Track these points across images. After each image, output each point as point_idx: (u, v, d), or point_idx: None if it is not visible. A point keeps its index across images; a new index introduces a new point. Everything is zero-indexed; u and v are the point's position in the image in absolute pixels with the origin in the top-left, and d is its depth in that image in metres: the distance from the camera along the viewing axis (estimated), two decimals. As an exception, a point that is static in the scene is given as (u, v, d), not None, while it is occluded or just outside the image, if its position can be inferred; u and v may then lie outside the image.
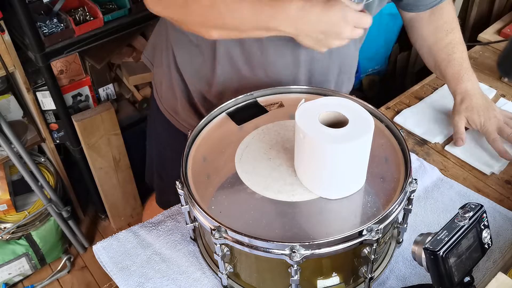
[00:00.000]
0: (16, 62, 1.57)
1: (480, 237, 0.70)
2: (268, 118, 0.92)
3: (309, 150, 0.74)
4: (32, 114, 1.79)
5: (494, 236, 0.89)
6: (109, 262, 0.92)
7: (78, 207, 2.16)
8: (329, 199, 0.77)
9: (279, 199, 0.77)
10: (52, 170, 1.94)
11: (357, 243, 0.70)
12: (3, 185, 1.78)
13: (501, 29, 1.49)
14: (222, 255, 0.75)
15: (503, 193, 1.01)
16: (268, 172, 0.81)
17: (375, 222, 0.70)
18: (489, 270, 0.86)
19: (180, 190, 0.79)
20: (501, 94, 1.25)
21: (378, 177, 0.80)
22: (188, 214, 0.86)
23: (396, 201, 0.74)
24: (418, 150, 1.12)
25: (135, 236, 0.96)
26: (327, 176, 0.75)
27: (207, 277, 0.88)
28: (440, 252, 0.64)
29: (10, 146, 1.66)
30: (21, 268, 1.94)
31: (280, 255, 0.68)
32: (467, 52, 1.13)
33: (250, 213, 0.75)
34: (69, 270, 2.05)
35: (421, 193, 1.01)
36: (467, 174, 1.06)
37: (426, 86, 1.30)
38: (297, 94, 0.98)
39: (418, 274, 0.86)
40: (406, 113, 1.21)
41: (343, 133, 0.72)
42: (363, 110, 0.76)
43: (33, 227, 1.89)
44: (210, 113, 0.92)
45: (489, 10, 1.81)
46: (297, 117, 0.74)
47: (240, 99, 0.95)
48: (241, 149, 0.86)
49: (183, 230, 0.96)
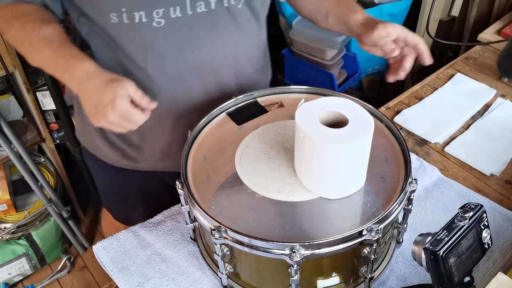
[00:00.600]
0: (16, 62, 1.57)
1: (480, 237, 0.70)
2: (268, 118, 0.92)
3: (309, 150, 0.74)
4: (32, 114, 1.79)
5: (494, 236, 0.89)
6: (109, 262, 0.92)
7: (78, 207, 2.16)
8: (329, 199, 0.77)
9: (279, 199, 0.77)
10: (52, 170, 1.94)
11: (357, 243, 0.70)
12: (3, 185, 1.78)
13: (501, 29, 1.49)
14: (222, 255, 0.75)
15: (503, 193, 1.01)
16: (268, 172, 0.81)
17: (375, 222, 0.70)
18: (489, 270, 0.86)
19: (180, 190, 0.79)
20: (501, 94, 1.25)
21: (378, 177, 0.80)
22: (188, 214, 0.86)
23: (396, 201, 0.74)
24: (418, 150, 1.12)
25: (135, 236, 0.96)
26: (327, 176, 0.75)
27: (207, 277, 0.88)
28: (440, 252, 0.64)
29: (10, 146, 1.66)
30: (21, 268, 1.94)
31: (280, 255, 0.68)
32: (467, 52, 1.12)
33: (250, 213, 0.75)
34: (69, 270, 2.05)
35: (421, 193, 1.01)
36: (467, 174, 1.06)
37: (426, 86, 1.30)
38: (297, 94, 0.98)
39: (418, 274, 0.86)
40: (406, 113, 1.21)
41: (343, 133, 0.72)
42: (363, 110, 0.76)
43: (33, 227, 1.89)
44: (210, 113, 0.92)
45: (489, 10, 1.81)
46: (297, 117, 0.74)
47: (240, 99, 0.95)
48: (241, 149, 0.86)
49: (183, 230, 0.96)
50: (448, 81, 1.30)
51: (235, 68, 0.99)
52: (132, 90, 0.81)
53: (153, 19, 0.84)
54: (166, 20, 0.85)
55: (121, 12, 0.83)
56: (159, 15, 0.84)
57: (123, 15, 0.83)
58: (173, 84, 0.95)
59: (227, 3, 0.90)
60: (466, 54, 1.40)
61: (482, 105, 1.22)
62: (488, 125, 1.16)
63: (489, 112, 1.19)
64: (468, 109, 1.20)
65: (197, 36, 0.90)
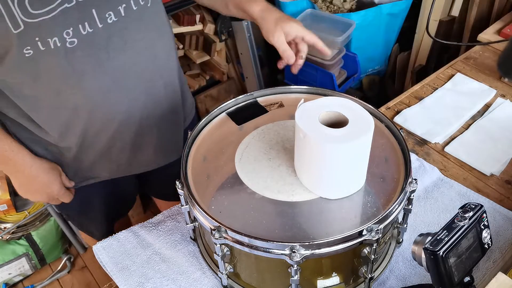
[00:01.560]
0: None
1: (480, 237, 0.69)
2: (268, 118, 0.92)
3: (309, 150, 0.74)
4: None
5: (494, 236, 0.90)
6: (109, 262, 0.92)
7: (78, 207, 2.16)
8: (329, 199, 0.77)
9: (279, 199, 0.77)
10: (52, 170, 1.94)
11: (357, 243, 0.70)
12: (3, 185, 1.78)
13: (501, 29, 1.49)
14: (222, 255, 0.75)
15: (503, 193, 1.01)
16: (268, 172, 0.81)
17: (375, 222, 0.70)
18: (489, 270, 0.86)
19: (180, 190, 0.79)
20: (501, 94, 1.25)
21: (378, 177, 0.80)
22: (188, 214, 0.86)
23: (396, 201, 0.74)
24: (418, 150, 1.12)
25: (135, 236, 0.96)
26: (327, 176, 0.75)
27: (207, 277, 0.88)
28: (440, 252, 0.64)
29: (10, 146, 1.66)
30: (21, 268, 1.94)
31: (280, 255, 0.68)
32: (467, 52, 1.12)
33: (250, 213, 0.75)
34: (69, 270, 2.05)
35: (421, 193, 1.01)
36: (467, 174, 1.06)
37: (426, 86, 1.30)
38: (297, 94, 0.98)
39: (418, 274, 0.86)
40: (406, 113, 1.21)
41: (343, 133, 0.71)
42: (363, 110, 0.76)
43: (33, 227, 1.89)
44: (210, 113, 0.92)
45: (489, 10, 1.81)
46: (297, 117, 0.74)
47: (240, 99, 0.95)
48: (241, 149, 0.86)
49: (183, 230, 0.96)
50: (448, 81, 1.30)
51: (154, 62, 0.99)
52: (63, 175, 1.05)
53: (65, 40, 0.83)
54: (78, 38, 0.85)
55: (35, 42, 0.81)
56: (69, 35, 0.83)
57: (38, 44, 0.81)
58: (103, 96, 0.94)
59: (135, 6, 0.89)
60: (466, 54, 1.40)
61: (482, 105, 1.22)
62: (488, 125, 1.16)
63: (489, 112, 1.19)
64: (468, 109, 1.20)
65: (113, 45, 0.89)
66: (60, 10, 0.81)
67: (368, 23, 1.90)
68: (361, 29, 1.87)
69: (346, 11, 1.97)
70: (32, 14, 0.79)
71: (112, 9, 0.86)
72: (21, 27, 0.79)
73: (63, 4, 0.81)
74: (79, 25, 0.84)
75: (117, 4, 0.87)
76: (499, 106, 1.20)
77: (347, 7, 1.98)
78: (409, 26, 2.04)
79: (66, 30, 0.83)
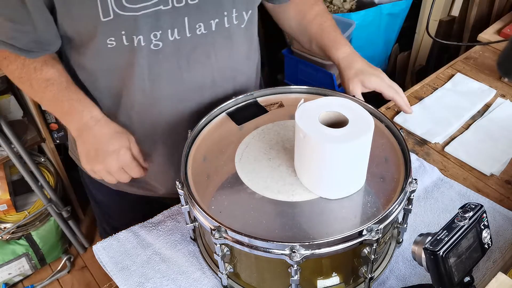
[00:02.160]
0: (16, 62, 1.56)
1: (480, 237, 0.69)
2: (268, 118, 0.92)
3: (309, 150, 0.74)
4: (32, 114, 1.79)
5: (494, 236, 0.89)
6: (109, 262, 0.92)
7: (78, 207, 2.16)
8: (329, 199, 0.77)
9: (279, 199, 0.77)
10: (52, 170, 1.94)
11: (357, 243, 0.70)
12: (3, 185, 1.78)
13: (501, 29, 1.49)
14: (222, 255, 0.75)
15: (503, 193, 1.01)
16: (268, 172, 0.81)
17: (375, 222, 0.70)
18: (489, 270, 0.86)
19: (180, 190, 0.79)
20: (501, 94, 1.25)
21: (378, 177, 0.80)
22: (188, 214, 0.86)
23: (396, 201, 0.74)
24: (418, 150, 1.12)
25: (135, 236, 0.96)
26: (327, 176, 0.75)
27: (207, 277, 0.88)
28: (440, 252, 0.64)
29: (10, 146, 1.66)
30: (21, 268, 1.94)
31: (280, 255, 0.68)
32: (467, 52, 1.12)
33: (250, 213, 0.75)
34: (69, 270, 2.05)
35: (421, 193, 1.01)
36: (467, 174, 1.06)
37: (426, 86, 1.30)
38: (297, 94, 0.98)
39: (418, 274, 0.86)
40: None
41: (343, 133, 0.71)
42: (363, 110, 0.76)
43: (33, 227, 1.89)
44: (210, 113, 0.92)
45: (489, 10, 1.81)
46: (297, 117, 0.74)
47: (240, 99, 0.95)
48: (241, 149, 0.86)
49: (183, 230, 0.96)
50: (448, 81, 1.30)
51: (233, 83, 0.99)
52: (134, 144, 0.88)
53: (151, 41, 0.83)
54: (164, 43, 0.85)
55: (121, 35, 0.82)
56: (156, 37, 0.83)
57: (122, 37, 0.82)
58: (170, 103, 0.94)
59: (228, 24, 0.89)
60: (466, 54, 1.40)
61: (482, 105, 1.22)
62: (488, 125, 1.16)
63: (489, 112, 1.19)
64: (468, 109, 1.20)
65: (195, 56, 0.89)
66: (154, 10, 0.80)
67: (368, 23, 1.90)
68: (361, 29, 1.87)
69: (346, 11, 1.97)
70: (126, 7, 0.78)
71: (204, 21, 0.86)
72: (110, 16, 0.78)
73: (159, 5, 0.80)
74: (168, 30, 0.83)
75: (209, 18, 0.86)
76: (499, 106, 1.20)
77: (347, 7, 1.98)
78: (409, 26, 2.04)
79: (154, 32, 0.82)
